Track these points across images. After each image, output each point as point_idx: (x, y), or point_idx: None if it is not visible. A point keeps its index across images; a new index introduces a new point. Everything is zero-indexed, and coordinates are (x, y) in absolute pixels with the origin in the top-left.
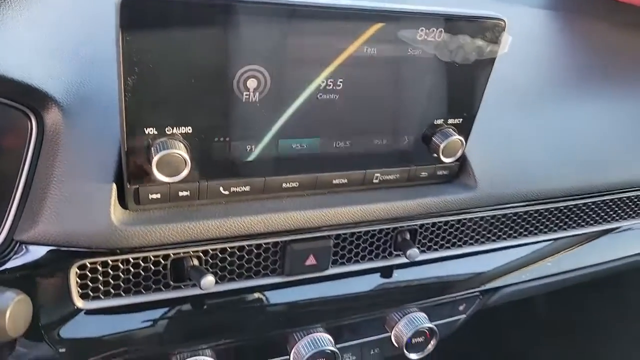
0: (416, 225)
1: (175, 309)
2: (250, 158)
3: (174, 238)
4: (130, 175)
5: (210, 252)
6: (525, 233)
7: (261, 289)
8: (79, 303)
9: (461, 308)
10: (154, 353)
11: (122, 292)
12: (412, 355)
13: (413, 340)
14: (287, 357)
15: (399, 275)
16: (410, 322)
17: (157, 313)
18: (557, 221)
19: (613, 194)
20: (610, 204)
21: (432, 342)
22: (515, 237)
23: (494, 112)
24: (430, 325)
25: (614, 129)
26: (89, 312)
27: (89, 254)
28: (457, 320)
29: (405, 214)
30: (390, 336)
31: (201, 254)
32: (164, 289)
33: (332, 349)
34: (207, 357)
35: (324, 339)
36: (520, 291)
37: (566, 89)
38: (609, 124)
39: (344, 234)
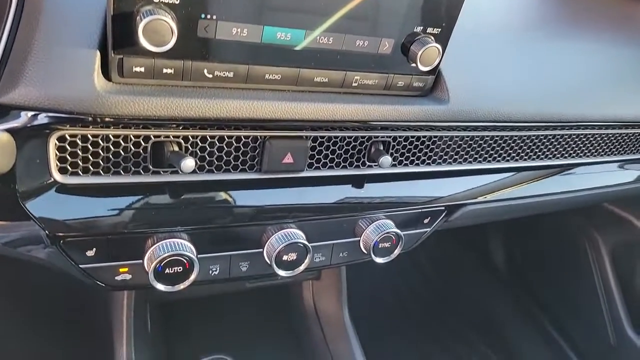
0: (389, 138)
1: (153, 194)
2: (235, 40)
3: (156, 112)
4: (115, 43)
5: (191, 139)
6: (491, 159)
7: (238, 184)
8: (58, 177)
9: (426, 221)
10: (131, 234)
11: (101, 171)
12: (378, 259)
13: (380, 245)
14: (261, 249)
15: (370, 188)
16: (378, 227)
17: (135, 197)
18: (521, 150)
19: (578, 128)
20: (575, 138)
21: (397, 249)
22: (481, 161)
23: (474, 38)
24: (396, 230)
25: (591, 69)
26: (68, 189)
27: (69, 122)
28: (421, 233)
29: (380, 119)
30: (359, 241)
31: (181, 141)
32: (143, 172)
33: (305, 242)
34: (183, 240)
35: (296, 234)
36: (481, 211)
37: (550, 30)
38: (585, 65)
39: (321, 137)
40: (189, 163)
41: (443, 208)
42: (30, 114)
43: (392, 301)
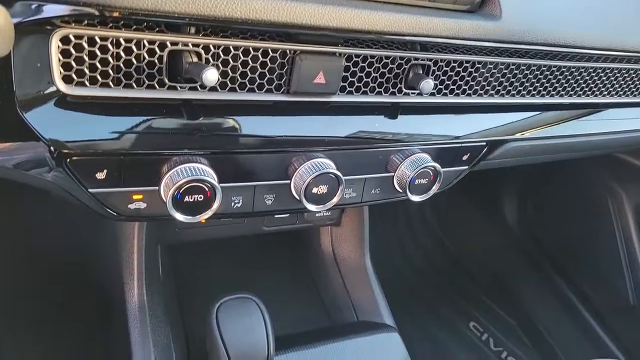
0: (430, 61)
1: (169, 114)
2: None
3: (174, 6)
4: None
5: (212, 49)
6: (535, 92)
7: (264, 108)
8: (61, 86)
9: (465, 158)
10: (145, 155)
11: (110, 83)
12: (414, 197)
13: (417, 181)
14: (288, 181)
15: (405, 120)
16: (414, 162)
17: (148, 116)
18: (567, 85)
19: (637, 62)
20: (626, 75)
21: (435, 186)
22: (524, 95)
23: None
24: (435, 164)
25: None
26: (74, 103)
27: (74, 18)
28: (459, 171)
29: (424, 32)
30: (392, 177)
31: (201, 51)
32: (158, 87)
33: (337, 172)
34: (203, 164)
35: (327, 164)
36: (522, 148)
37: None
38: None
39: (356, 55)
40: (211, 74)
41: (484, 143)
42: (29, 2)
43: (403, 264)
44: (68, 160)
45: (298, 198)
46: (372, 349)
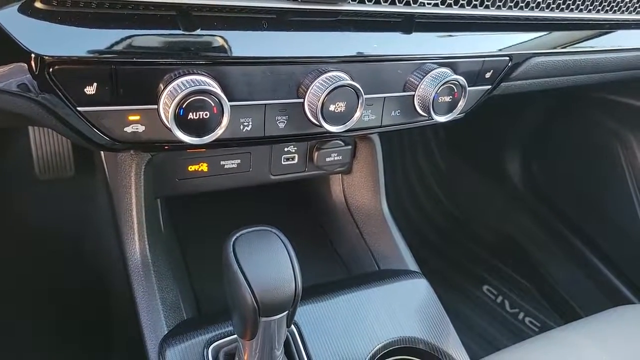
0: None
1: (163, 23)
2: None
3: None
4: None
5: None
6: (554, 6)
7: (268, 19)
8: None
9: (488, 75)
10: (137, 66)
11: None
12: (439, 117)
13: (440, 99)
14: (301, 100)
15: (422, 35)
16: (436, 77)
17: (140, 22)
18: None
19: None
20: None
21: (461, 102)
22: (544, 9)
23: None
24: (458, 77)
25: None
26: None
27: None
28: (483, 91)
29: None
30: (413, 96)
31: None
32: None
33: (354, 83)
34: (205, 77)
35: (342, 77)
36: (547, 64)
37: None
38: None
39: None
40: None
41: (507, 58)
42: None
43: (407, 233)
44: (51, 69)
45: (313, 119)
46: (400, 295)
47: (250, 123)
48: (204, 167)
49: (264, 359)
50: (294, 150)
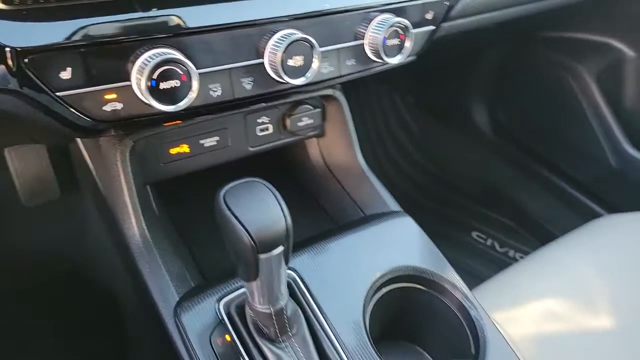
0: None
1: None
2: None
3: None
4: None
5: None
6: None
7: None
8: None
9: (429, 16)
10: (105, 46)
11: None
12: (391, 59)
13: (388, 42)
14: (261, 59)
15: None
16: (381, 23)
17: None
18: None
19: None
20: None
21: (407, 43)
22: None
23: None
24: (402, 19)
25: None
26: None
27: None
28: (428, 32)
29: None
30: (364, 44)
31: None
32: None
33: (306, 36)
34: (170, 48)
35: (295, 32)
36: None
37: None
38: None
39: None
40: None
41: None
42: None
43: (385, 185)
44: (26, 59)
45: (276, 76)
46: (389, 233)
47: (219, 88)
48: (185, 148)
49: (271, 301)
50: (267, 121)
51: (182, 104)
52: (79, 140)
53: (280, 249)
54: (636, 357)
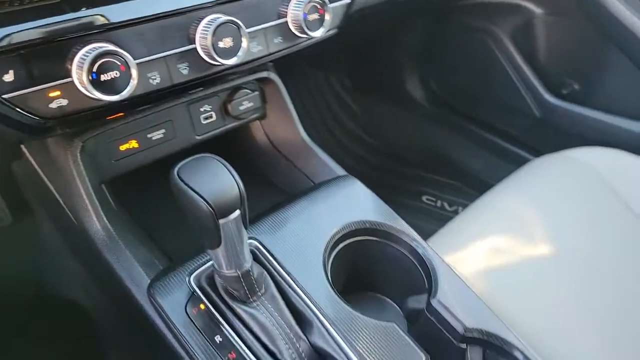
0: None
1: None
2: None
3: None
4: None
5: None
6: None
7: None
8: None
9: None
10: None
11: None
12: (314, 33)
13: (309, 17)
14: (193, 45)
15: None
16: (300, 0)
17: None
18: None
19: None
20: None
21: (327, 17)
22: None
23: None
24: None
25: None
26: None
27: None
28: (344, 6)
29: None
30: (287, 22)
31: None
32: None
33: (231, 18)
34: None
35: (219, 16)
36: None
37: None
38: None
39: None
40: None
41: None
42: None
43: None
44: None
45: (209, 59)
46: (341, 195)
47: (158, 75)
48: (134, 143)
49: (237, 264)
50: (210, 109)
51: (126, 93)
52: (26, 151)
53: (237, 212)
54: (572, 276)
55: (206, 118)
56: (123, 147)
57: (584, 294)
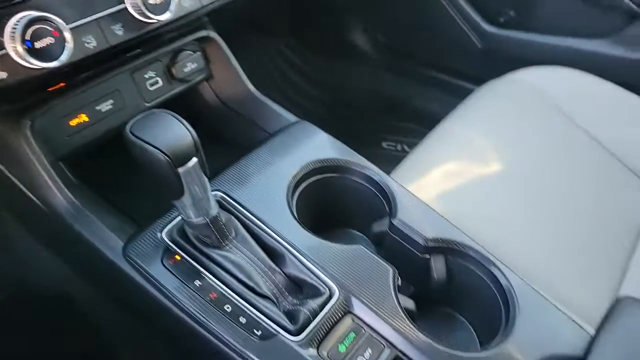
0: None
1: None
2: None
3: None
4: None
5: None
6: None
7: None
8: None
9: None
10: None
11: None
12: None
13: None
14: (123, 4)
15: None
16: None
17: None
18: None
19: None
20: None
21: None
22: None
23: None
24: None
25: None
26: None
27: None
28: None
29: None
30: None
31: None
32: None
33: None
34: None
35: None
36: None
37: None
38: None
39: None
40: None
41: None
42: None
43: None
44: None
45: (141, 17)
46: (298, 138)
47: (93, 39)
48: (84, 117)
49: (204, 212)
50: (154, 75)
51: (64, 58)
52: None
53: (195, 160)
54: (520, 189)
55: (152, 84)
56: (74, 122)
57: (531, 204)
